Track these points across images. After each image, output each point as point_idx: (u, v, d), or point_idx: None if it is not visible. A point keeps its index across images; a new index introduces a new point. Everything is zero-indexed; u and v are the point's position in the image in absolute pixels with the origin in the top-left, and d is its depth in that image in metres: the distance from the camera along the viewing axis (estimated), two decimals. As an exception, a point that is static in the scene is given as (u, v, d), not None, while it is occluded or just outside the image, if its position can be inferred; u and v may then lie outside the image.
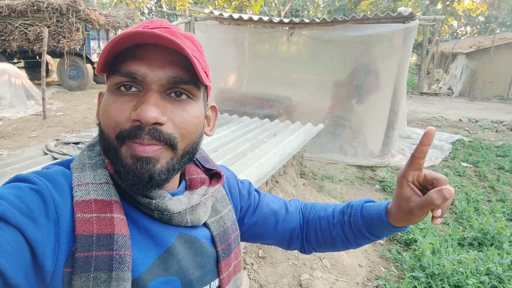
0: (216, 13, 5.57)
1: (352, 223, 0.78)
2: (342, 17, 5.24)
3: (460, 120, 9.30)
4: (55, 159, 3.37)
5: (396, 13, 4.97)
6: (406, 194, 0.67)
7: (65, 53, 9.86)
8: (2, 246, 0.41)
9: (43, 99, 6.99)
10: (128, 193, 0.58)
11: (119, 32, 11.12)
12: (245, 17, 5.47)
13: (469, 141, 7.13)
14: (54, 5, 9.33)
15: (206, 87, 0.63)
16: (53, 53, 10.45)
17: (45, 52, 7.06)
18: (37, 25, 9.59)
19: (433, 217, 0.64)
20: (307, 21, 5.29)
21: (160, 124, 0.53)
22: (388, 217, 0.72)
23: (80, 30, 9.66)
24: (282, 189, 3.53)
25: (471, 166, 5.79)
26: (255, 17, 5.55)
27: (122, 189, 0.58)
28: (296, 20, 5.45)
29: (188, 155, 0.60)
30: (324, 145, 5.97)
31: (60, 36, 9.63)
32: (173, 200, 0.60)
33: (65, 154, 3.39)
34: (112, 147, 0.55)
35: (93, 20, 9.61)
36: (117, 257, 0.52)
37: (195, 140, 0.60)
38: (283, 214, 0.85)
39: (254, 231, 0.85)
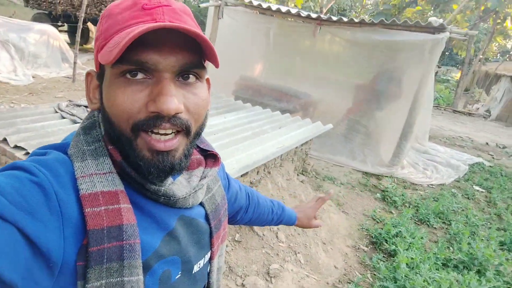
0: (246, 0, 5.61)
1: (278, 221, 1.12)
2: (370, 20, 5.15)
3: (487, 143, 8.93)
4: (63, 118, 3.56)
5: (426, 23, 4.83)
6: (312, 216, 1.18)
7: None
8: None
9: (75, 63, 7.30)
10: (135, 180, 0.57)
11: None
12: (273, 7, 5.47)
13: (490, 166, 6.86)
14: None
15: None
16: (94, 21, 10.83)
17: (82, 18, 7.34)
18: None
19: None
20: (334, 19, 5.23)
21: (178, 113, 0.54)
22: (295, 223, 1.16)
23: None
24: (273, 180, 3.57)
25: (483, 191, 5.59)
26: (283, 9, 5.54)
27: (125, 176, 0.58)
28: (324, 17, 5.40)
29: (198, 136, 0.62)
30: (334, 146, 5.93)
31: (102, 5, 9.96)
32: (176, 184, 0.62)
33: (73, 115, 3.57)
34: (125, 138, 0.55)
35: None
36: (127, 246, 0.53)
37: (204, 121, 0.61)
38: (239, 193, 0.98)
39: None
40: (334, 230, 3.62)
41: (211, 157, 0.74)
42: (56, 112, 3.64)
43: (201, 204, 0.71)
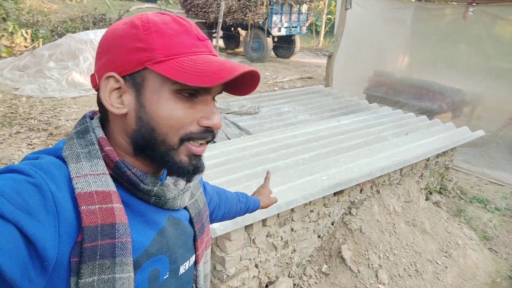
0: (379, -15, 4.86)
1: (245, 209, 1.17)
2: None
3: None
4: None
5: None
6: (268, 193, 1.32)
7: (249, 26, 10.61)
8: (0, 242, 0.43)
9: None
10: (129, 181, 0.61)
11: (303, 7, 11.23)
12: (411, -11, 4.58)
13: None
14: (246, -21, 10.07)
15: None
16: (241, 26, 11.41)
17: (220, 23, 7.74)
18: (231, -1, 10.59)
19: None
20: (495, -6, 4.03)
21: None
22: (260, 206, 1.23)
23: (265, 4, 10.16)
24: (382, 202, 2.88)
25: None
26: (424, -11, 4.57)
27: (118, 177, 0.61)
28: (480, -8, 4.22)
29: None
30: (494, 158, 4.65)
31: (247, 9, 10.37)
32: (166, 186, 0.66)
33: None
34: (168, 146, 0.61)
35: (277, -6, 9.94)
36: (119, 244, 0.56)
37: None
38: (213, 194, 1.02)
39: None
40: (469, 274, 2.70)
41: None
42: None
43: (185, 208, 0.75)
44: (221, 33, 12.81)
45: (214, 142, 3.24)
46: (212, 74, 0.56)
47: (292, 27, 11.21)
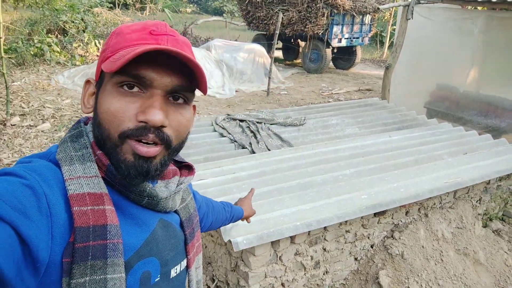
0: (443, -7, 4.53)
1: (230, 218, 1.19)
2: None
3: None
4: (215, 131, 3.70)
5: None
6: (249, 207, 1.33)
7: (308, 37, 10.54)
8: None
9: (269, 78, 7.76)
10: (121, 183, 0.62)
11: (367, 18, 10.90)
12: (479, -4, 4.21)
13: None
14: (307, -9, 10.03)
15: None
16: (300, 37, 11.36)
17: (277, 35, 7.75)
18: (291, 10, 10.60)
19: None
20: None
21: (163, 126, 0.60)
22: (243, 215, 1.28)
23: (325, 15, 10.03)
24: (430, 226, 2.62)
25: None
26: (495, -4, 4.18)
27: (110, 180, 0.63)
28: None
29: (176, 151, 0.67)
30: None
31: (307, 21, 10.31)
32: (157, 188, 0.67)
33: (224, 129, 3.65)
34: (112, 143, 0.60)
35: (339, 5, 9.75)
36: (111, 245, 0.56)
37: (184, 139, 0.67)
38: (202, 203, 1.03)
39: None
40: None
41: (185, 167, 0.80)
42: (212, 125, 3.82)
43: (176, 212, 0.76)
44: (280, 44, 12.92)
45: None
46: (121, 58, 0.55)
47: (354, 38, 10.93)
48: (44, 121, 5.45)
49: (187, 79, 0.62)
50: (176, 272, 0.73)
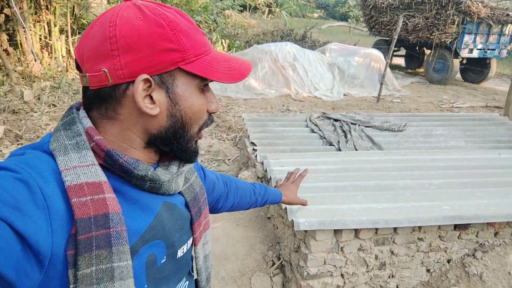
0: None
1: (263, 201, 1.20)
2: None
3: None
4: (307, 126, 3.84)
5: None
6: (295, 194, 1.35)
7: (433, 45, 9.81)
8: None
9: (381, 83, 7.51)
10: (122, 168, 0.61)
11: (508, 28, 9.65)
12: None
13: None
14: (437, -4, 9.36)
15: None
16: (426, 45, 10.64)
17: (395, 40, 7.44)
18: (417, 17, 10.00)
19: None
20: None
21: None
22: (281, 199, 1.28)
23: (456, 22, 9.21)
24: (497, 258, 2.33)
25: None
26: None
27: (109, 166, 0.62)
28: None
29: None
30: None
31: (435, 28, 9.61)
32: (158, 171, 0.67)
33: (316, 125, 3.78)
34: (191, 136, 0.68)
35: (473, 12, 8.85)
36: (115, 233, 0.57)
37: None
38: (217, 183, 1.04)
39: None
40: None
41: None
42: (305, 121, 3.96)
43: (180, 193, 0.76)
44: (403, 51, 12.27)
45: (338, 149, 3.25)
46: (237, 72, 0.66)
47: (488, 49, 9.80)
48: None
49: None
50: (183, 252, 0.75)
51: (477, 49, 9.62)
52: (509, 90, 4.76)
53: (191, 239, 0.79)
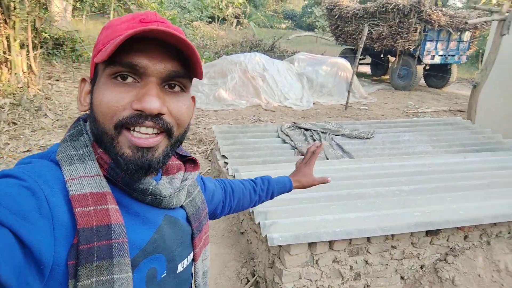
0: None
1: (268, 195, 1.12)
2: None
3: None
4: (278, 137, 3.82)
5: None
6: (310, 175, 1.20)
7: (397, 53, 10.14)
8: None
9: (348, 91, 7.65)
10: (123, 181, 0.61)
11: (465, 34, 10.11)
12: None
13: None
14: (400, 6, 9.67)
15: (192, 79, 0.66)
16: (391, 53, 10.97)
17: (361, 49, 7.61)
18: (381, 25, 10.32)
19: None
20: None
21: (161, 114, 0.58)
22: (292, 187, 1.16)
23: (418, 30, 9.57)
24: (491, 256, 2.38)
25: None
26: None
27: (112, 178, 0.61)
28: None
29: (179, 142, 0.66)
30: None
31: (398, 36, 9.94)
32: (161, 185, 0.66)
33: (287, 135, 3.76)
34: (108, 135, 0.59)
35: (434, 20, 9.23)
36: (116, 245, 0.56)
37: (186, 128, 0.66)
38: (215, 190, 0.99)
39: None
40: None
41: (190, 162, 0.78)
42: (277, 131, 3.95)
43: (182, 207, 0.74)
44: (368, 59, 12.61)
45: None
46: (108, 47, 0.55)
47: (449, 55, 10.23)
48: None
49: (182, 65, 0.60)
50: (183, 267, 0.73)
51: (439, 55, 10.02)
52: (471, 95, 4.95)
53: (191, 255, 0.76)
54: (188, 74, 0.62)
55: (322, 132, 3.80)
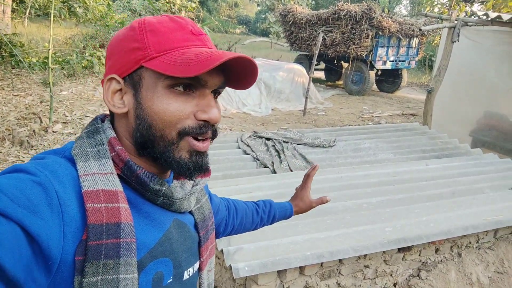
0: (493, 15, 4.22)
1: (270, 219, 1.10)
2: None
3: None
4: (239, 148, 3.61)
5: None
6: (307, 199, 1.15)
7: (350, 59, 10.33)
8: (2, 241, 0.43)
9: (306, 97, 7.63)
10: (138, 180, 0.61)
11: (414, 41, 10.52)
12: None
13: None
14: (351, 12, 9.86)
15: None
16: (344, 59, 11.17)
17: (316, 55, 7.65)
18: (334, 32, 10.47)
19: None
20: None
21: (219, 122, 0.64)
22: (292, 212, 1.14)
23: (370, 36, 9.80)
24: (463, 268, 2.33)
25: None
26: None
27: (126, 177, 0.62)
28: None
29: None
30: None
31: (351, 42, 10.13)
32: (172, 187, 0.66)
33: (248, 146, 3.56)
34: (167, 141, 0.61)
35: (384, 27, 9.49)
36: (124, 244, 0.55)
37: None
38: (220, 206, 0.98)
39: None
40: None
41: None
42: (237, 141, 3.74)
43: (190, 213, 0.75)
44: (322, 65, 12.79)
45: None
46: (197, 64, 0.56)
47: (400, 61, 10.59)
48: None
49: (224, 77, 0.65)
50: (189, 275, 0.71)
51: (390, 61, 10.33)
52: (426, 100, 5.04)
53: (197, 263, 0.75)
54: (225, 84, 0.66)
55: (284, 142, 3.64)
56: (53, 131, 5.46)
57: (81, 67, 8.80)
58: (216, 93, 0.65)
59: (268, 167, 3.18)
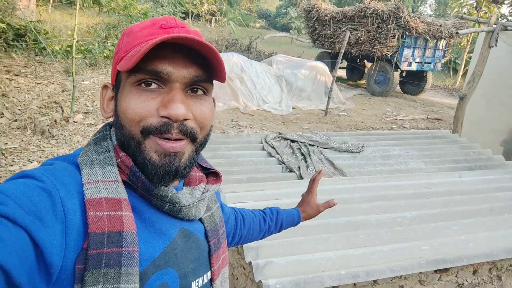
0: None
1: (277, 226, 1.09)
2: None
3: None
4: (263, 149, 3.51)
5: None
6: (314, 204, 1.16)
7: (375, 58, 10.08)
8: (8, 246, 0.43)
9: (328, 97, 7.46)
10: (144, 186, 0.60)
11: (441, 42, 10.21)
12: None
13: None
14: (378, 11, 9.61)
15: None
16: (367, 57, 10.92)
17: (342, 54, 7.44)
18: (359, 30, 10.23)
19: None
20: None
21: (186, 119, 0.58)
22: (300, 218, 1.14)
23: (396, 36, 9.53)
24: (504, 293, 2.18)
25: None
26: None
27: (132, 184, 0.61)
28: None
29: (203, 145, 0.65)
30: None
31: (376, 41, 9.87)
32: (180, 194, 0.64)
33: (273, 148, 3.46)
34: (135, 140, 0.59)
35: (412, 27, 9.21)
36: (126, 253, 0.54)
37: (209, 131, 0.66)
38: (230, 216, 0.96)
39: None
40: None
41: (212, 175, 0.77)
42: (261, 143, 3.63)
43: (200, 221, 0.72)
44: (344, 63, 12.53)
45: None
46: (136, 54, 0.54)
47: (425, 62, 10.29)
48: (104, 121, 5.63)
49: (204, 70, 0.61)
50: (197, 286, 0.69)
51: (415, 62, 10.05)
52: (457, 107, 4.83)
53: (208, 274, 0.72)
54: (210, 78, 0.62)
55: (310, 145, 3.52)
56: (74, 121, 5.44)
57: (103, 56, 8.80)
58: (198, 88, 0.61)
59: (294, 171, 3.06)
